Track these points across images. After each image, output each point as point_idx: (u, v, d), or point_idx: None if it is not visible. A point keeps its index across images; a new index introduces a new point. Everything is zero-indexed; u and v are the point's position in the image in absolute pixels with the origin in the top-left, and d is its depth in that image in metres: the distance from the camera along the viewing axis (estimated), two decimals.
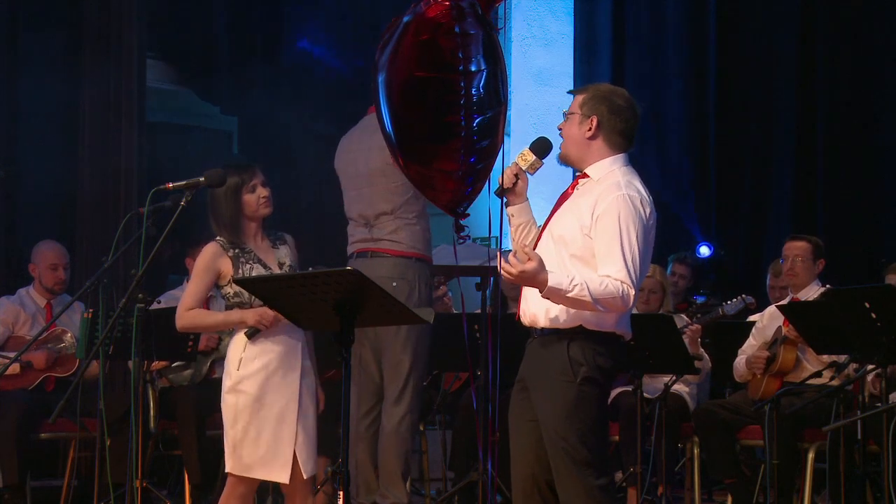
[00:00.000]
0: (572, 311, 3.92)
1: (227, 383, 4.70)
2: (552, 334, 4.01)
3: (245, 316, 4.67)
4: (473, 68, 4.05)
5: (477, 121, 4.17)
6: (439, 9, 4.07)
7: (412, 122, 4.25)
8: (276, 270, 4.74)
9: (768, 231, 9.46)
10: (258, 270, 4.69)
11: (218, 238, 4.78)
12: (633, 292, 3.87)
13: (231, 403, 4.67)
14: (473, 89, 4.12)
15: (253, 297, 4.61)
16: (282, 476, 4.65)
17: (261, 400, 4.63)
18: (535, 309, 4.04)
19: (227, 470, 4.73)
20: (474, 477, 5.80)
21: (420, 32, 4.12)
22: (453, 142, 4.15)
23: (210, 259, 4.74)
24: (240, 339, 4.70)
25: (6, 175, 7.58)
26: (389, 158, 5.55)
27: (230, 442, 4.68)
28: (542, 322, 4.03)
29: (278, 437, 4.64)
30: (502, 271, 3.81)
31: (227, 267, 4.72)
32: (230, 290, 4.73)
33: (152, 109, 8.31)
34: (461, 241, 4.29)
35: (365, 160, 5.71)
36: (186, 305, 4.76)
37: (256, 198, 4.74)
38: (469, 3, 4.12)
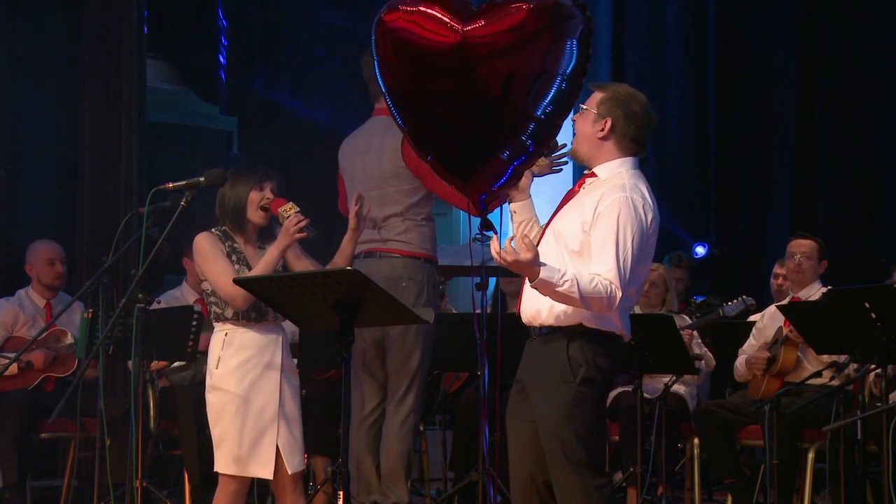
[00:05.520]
0: (572, 309, 3.92)
1: (208, 382, 4.72)
2: (551, 332, 4.00)
3: (281, 242, 4.62)
4: (569, 69, 3.91)
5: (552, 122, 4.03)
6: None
7: (506, 108, 4.01)
8: None
9: (768, 231, 9.44)
10: (244, 272, 4.67)
11: (213, 230, 4.76)
12: (619, 294, 3.85)
13: (212, 402, 4.69)
14: (558, 91, 3.99)
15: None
16: (265, 472, 4.65)
17: (241, 397, 4.63)
18: (534, 306, 4.03)
19: (214, 468, 4.75)
20: (474, 477, 5.80)
21: (544, 21, 3.89)
22: (526, 139, 3.96)
23: (211, 242, 4.70)
24: (218, 337, 4.71)
25: (6, 175, 7.58)
26: (401, 161, 5.58)
27: (215, 440, 4.70)
28: (542, 319, 4.02)
29: (260, 434, 4.63)
30: (495, 254, 3.77)
31: None
32: (209, 286, 4.73)
33: (152, 109, 8.31)
34: (486, 240, 4.23)
35: (377, 162, 5.68)
36: (228, 281, 4.53)
37: (260, 197, 4.72)
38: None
